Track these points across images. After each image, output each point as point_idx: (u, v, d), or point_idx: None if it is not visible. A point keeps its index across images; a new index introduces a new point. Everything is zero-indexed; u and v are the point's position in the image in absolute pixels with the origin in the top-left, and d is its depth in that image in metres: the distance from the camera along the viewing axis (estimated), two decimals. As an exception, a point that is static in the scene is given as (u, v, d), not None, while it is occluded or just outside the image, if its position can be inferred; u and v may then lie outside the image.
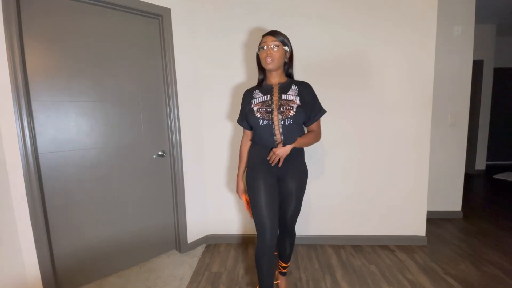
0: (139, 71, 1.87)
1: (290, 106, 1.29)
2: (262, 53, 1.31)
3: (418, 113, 2.07)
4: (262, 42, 1.33)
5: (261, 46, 1.32)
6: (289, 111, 1.28)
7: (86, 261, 1.74)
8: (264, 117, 1.30)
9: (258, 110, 1.33)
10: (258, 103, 1.35)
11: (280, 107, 1.30)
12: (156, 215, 2.04)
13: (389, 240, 2.22)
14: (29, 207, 1.46)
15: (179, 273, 1.87)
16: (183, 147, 2.07)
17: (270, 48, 1.29)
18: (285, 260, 1.59)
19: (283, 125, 1.29)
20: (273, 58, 1.29)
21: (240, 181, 1.51)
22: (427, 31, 1.99)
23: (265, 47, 1.30)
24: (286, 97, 1.33)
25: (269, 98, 1.34)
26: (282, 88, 1.36)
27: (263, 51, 1.31)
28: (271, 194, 1.33)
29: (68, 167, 1.63)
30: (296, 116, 1.28)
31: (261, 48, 1.32)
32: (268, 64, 1.30)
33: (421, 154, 2.11)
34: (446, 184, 2.69)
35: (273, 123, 1.29)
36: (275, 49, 1.29)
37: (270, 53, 1.29)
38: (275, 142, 1.31)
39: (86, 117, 1.68)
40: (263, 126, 1.31)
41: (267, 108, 1.32)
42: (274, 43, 1.29)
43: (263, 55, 1.31)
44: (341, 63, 2.07)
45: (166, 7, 1.89)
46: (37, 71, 1.50)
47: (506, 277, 1.75)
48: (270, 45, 1.29)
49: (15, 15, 1.36)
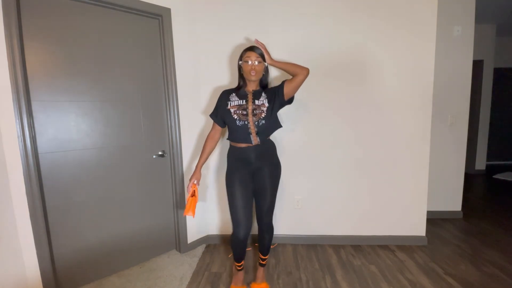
0: (139, 71, 1.87)
1: (261, 110, 1.51)
2: (247, 66, 1.50)
3: (418, 113, 2.07)
4: (245, 56, 1.51)
5: (245, 60, 1.50)
6: (261, 114, 1.50)
7: (86, 261, 1.74)
8: (240, 118, 1.49)
9: (235, 112, 1.51)
10: (234, 105, 1.52)
11: (254, 110, 1.50)
12: (156, 215, 2.04)
13: (389, 240, 2.22)
14: (29, 207, 1.46)
15: (179, 273, 1.87)
16: (183, 147, 2.07)
17: (254, 63, 1.49)
18: (264, 253, 1.69)
19: (257, 125, 1.49)
20: (256, 71, 1.50)
21: (198, 171, 1.58)
22: (427, 31, 1.99)
23: (249, 62, 1.49)
24: (258, 102, 1.53)
25: (244, 102, 1.52)
26: (255, 95, 1.56)
27: (247, 65, 1.49)
28: (246, 192, 1.53)
29: (68, 167, 1.63)
30: (267, 117, 1.50)
31: (245, 62, 1.51)
32: (252, 76, 1.50)
33: (421, 154, 2.11)
34: (446, 184, 2.69)
35: (248, 123, 1.48)
36: (256, 63, 1.49)
37: (254, 68, 1.48)
38: (251, 141, 1.51)
39: (86, 117, 1.68)
40: (239, 126, 1.49)
41: (243, 111, 1.50)
42: (258, 59, 1.49)
43: (247, 68, 1.50)
44: (341, 63, 2.07)
45: (166, 7, 1.89)
46: (37, 71, 1.50)
47: (506, 277, 1.75)
48: (254, 61, 1.49)
49: (15, 15, 1.36)
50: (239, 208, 1.50)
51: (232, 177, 1.55)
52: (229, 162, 1.60)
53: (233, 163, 1.57)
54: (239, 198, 1.51)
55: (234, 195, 1.51)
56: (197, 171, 1.58)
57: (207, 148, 1.62)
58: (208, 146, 1.62)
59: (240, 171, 1.54)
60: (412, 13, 1.98)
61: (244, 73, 1.53)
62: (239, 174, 1.53)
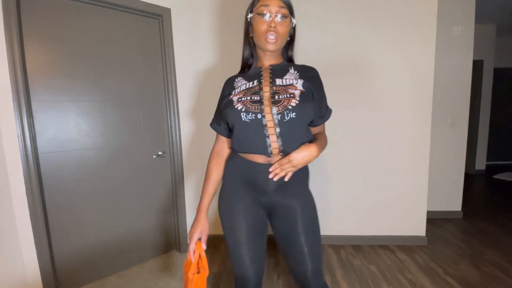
0: (139, 71, 1.87)
1: (290, 93, 0.84)
2: (261, 24, 0.85)
3: (418, 113, 2.07)
4: (260, 4, 0.86)
5: (260, 12, 0.85)
6: (289, 100, 0.82)
7: (86, 261, 1.74)
8: (249, 108, 0.83)
9: (239, 99, 0.86)
10: (240, 91, 0.90)
11: (274, 95, 0.84)
12: (156, 215, 2.04)
13: (389, 240, 2.22)
14: (29, 207, 1.46)
15: (179, 273, 1.87)
16: (183, 147, 2.07)
17: (275, 18, 0.84)
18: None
19: (281, 121, 0.82)
20: (277, 34, 0.85)
21: (203, 217, 0.95)
22: (427, 32, 1.99)
23: (267, 15, 0.84)
24: (282, 81, 0.89)
25: (256, 83, 0.90)
26: (276, 70, 0.93)
27: (262, 20, 0.85)
28: (256, 228, 0.92)
29: (68, 167, 1.63)
30: (301, 107, 0.82)
31: (259, 15, 0.85)
32: (270, 44, 0.86)
33: (421, 154, 2.11)
34: (446, 184, 2.69)
35: (264, 118, 0.82)
36: (280, 20, 0.85)
37: (274, 26, 0.84)
38: (269, 149, 0.84)
39: (86, 117, 1.68)
40: (247, 122, 0.83)
41: (254, 96, 0.86)
42: (282, 11, 0.84)
43: (262, 27, 0.85)
44: (341, 63, 2.07)
45: (166, 7, 1.89)
46: (37, 71, 1.50)
47: (506, 277, 1.75)
48: (275, 13, 0.84)
49: (15, 15, 1.36)
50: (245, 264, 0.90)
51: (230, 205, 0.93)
52: (226, 181, 0.96)
53: (234, 183, 0.93)
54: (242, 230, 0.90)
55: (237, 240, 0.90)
56: (200, 218, 0.95)
57: (213, 173, 0.97)
58: (213, 169, 0.98)
59: (246, 201, 0.91)
60: (412, 13, 1.98)
61: (256, 38, 0.89)
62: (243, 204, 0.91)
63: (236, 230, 0.91)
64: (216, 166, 0.98)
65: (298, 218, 0.89)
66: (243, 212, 0.91)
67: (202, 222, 0.94)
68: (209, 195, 0.97)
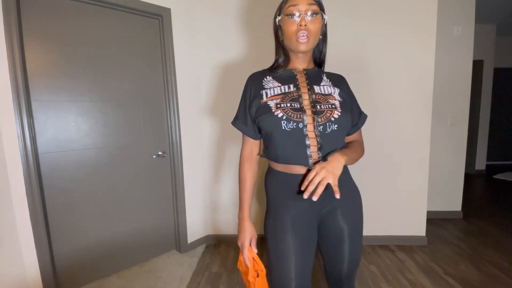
0: (139, 71, 1.87)
1: (331, 104, 0.83)
2: (290, 25, 0.82)
3: (418, 113, 2.07)
4: (288, 5, 0.82)
5: (289, 13, 0.82)
6: (331, 111, 0.81)
7: (86, 261, 1.74)
8: (290, 116, 0.80)
9: (277, 105, 0.82)
10: (274, 95, 0.85)
11: (315, 104, 0.82)
12: (156, 215, 2.04)
13: (389, 240, 2.22)
14: (29, 207, 1.46)
15: (179, 273, 1.87)
16: (183, 147, 2.07)
17: (305, 16, 0.80)
18: None
19: (323, 133, 0.80)
20: (309, 33, 0.81)
21: (248, 224, 0.92)
22: (427, 31, 1.99)
23: (296, 14, 0.81)
24: (321, 89, 0.86)
25: (293, 89, 0.86)
26: (311, 76, 0.89)
27: (292, 21, 0.82)
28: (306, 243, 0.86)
29: (68, 167, 1.63)
30: (342, 119, 0.82)
31: (288, 16, 0.82)
32: (302, 44, 0.82)
33: (421, 154, 2.11)
34: (446, 184, 2.68)
35: (305, 127, 0.80)
36: (311, 17, 0.81)
37: (305, 25, 0.80)
38: (309, 160, 0.81)
39: (86, 117, 1.68)
40: (288, 131, 0.80)
41: (294, 103, 0.82)
42: (312, 8, 0.81)
43: (292, 27, 0.82)
44: (341, 63, 2.06)
45: (166, 7, 1.89)
46: (37, 71, 1.50)
47: (506, 277, 1.75)
48: (304, 11, 0.80)
49: (15, 15, 1.36)
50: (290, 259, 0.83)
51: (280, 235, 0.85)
52: (271, 201, 0.91)
53: (279, 200, 0.88)
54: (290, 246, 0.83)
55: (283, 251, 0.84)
56: (246, 225, 0.91)
57: (247, 179, 0.93)
58: (247, 174, 0.93)
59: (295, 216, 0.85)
60: (412, 13, 1.98)
61: (287, 40, 0.86)
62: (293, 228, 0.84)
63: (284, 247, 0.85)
64: (250, 171, 0.94)
65: (345, 236, 0.89)
66: (293, 235, 0.84)
67: (249, 229, 0.92)
68: (248, 201, 0.94)
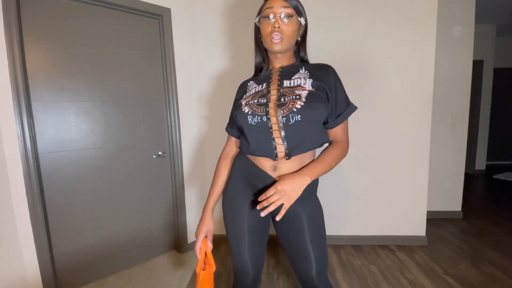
0: (139, 71, 1.87)
1: (296, 95, 0.83)
2: (266, 26, 0.88)
3: (418, 113, 2.07)
4: (265, 8, 0.88)
5: (264, 15, 0.88)
6: (294, 102, 0.82)
7: (86, 261, 1.74)
8: (255, 111, 0.85)
9: (247, 103, 0.89)
10: (250, 95, 0.93)
11: (281, 97, 0.85)
12: (156, 215, 2.04)
13: (389, 240, 2.22)
14: (29, 207, 1.46)
15: (179, 273, 1.87)
16: (183, 147, 2.07)
17: (279, 18, 0.85)
18: None
19: (286, 124, 0.82)
20: (283, 34, 0.86)
21: (208, 216, 0.99)
22: (427, 31, 1.99)
23: (270, 16, 0.86)
24: (290, 82, 0.88)
25: (264, 86, 0.91)
26: (285, 72, 0.93)
27: (267, 22, 0.87)
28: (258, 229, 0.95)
29: (68, 167, 1.63)
30: (306, 109, 0.81)
31: (264, 18, 0.88)
32: (275, 44, 0.87)
33: (421, 154, 2.11)
34: (446, 184, 2.69)
35: (269, 120, 0.83)
36: (286, 20, 0.86)
37: (278, 26, 0.85)
38: (274, 152, 0.84)
39: (86, 117, 1.68)
40: (253, 125, 0.85)
41: (261, 99, 0.87)
42: (286, 11, 0.85)
43: (267, 29, 0.87)
44: (341, 63, 2.06)
45: (166, 7, 1.89)
46: (37, 71, 1.50)
47: (506, 277, 1.75)
48: (279, 14, 0.85)
49: (15, 15, 1.36)
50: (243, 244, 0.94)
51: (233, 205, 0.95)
52: (232, 180, 0.97)
53: (239, 183, 0.95)
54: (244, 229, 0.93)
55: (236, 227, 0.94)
56: (205, 217, 0.99)
57: (220, 175, 1.01)
58: (221, 171, 1.01)
59: (250, 202, 0.93)
60: (412, 13, 1.98)
61: (263, 41, 0.91)
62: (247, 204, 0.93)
63: (238, 229, 0.94)
64: (224, 168, 1.02)
65: (304, 225, 0.89)
66: (247, 212, 0.93)
67: (207, 222, 0.99)
68: (215, 196, 1.01)
